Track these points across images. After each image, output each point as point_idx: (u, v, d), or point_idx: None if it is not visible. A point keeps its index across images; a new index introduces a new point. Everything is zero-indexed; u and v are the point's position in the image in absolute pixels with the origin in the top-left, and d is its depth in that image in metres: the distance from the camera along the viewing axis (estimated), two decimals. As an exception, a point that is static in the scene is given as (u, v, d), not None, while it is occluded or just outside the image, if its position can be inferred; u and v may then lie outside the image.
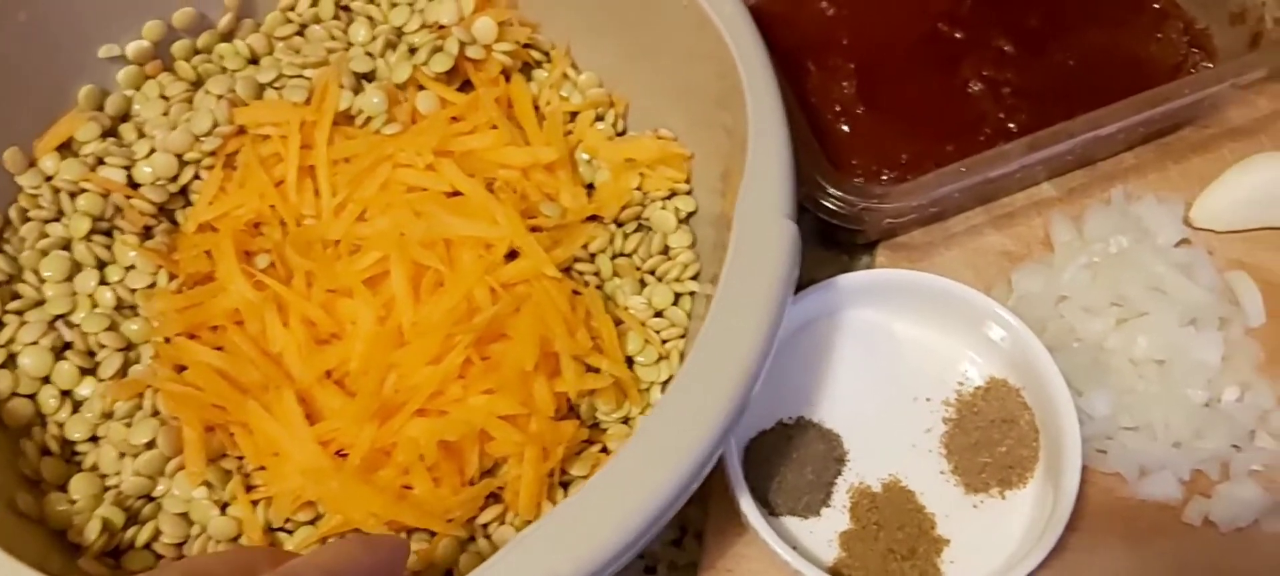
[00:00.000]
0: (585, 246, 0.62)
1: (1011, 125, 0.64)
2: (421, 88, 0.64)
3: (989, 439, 0.59)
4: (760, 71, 0.53)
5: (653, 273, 0.62)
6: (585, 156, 0.66)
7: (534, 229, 0.60)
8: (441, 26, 0.65)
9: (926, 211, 0.63)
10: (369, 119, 0.63)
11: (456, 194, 0.59)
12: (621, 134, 0.67)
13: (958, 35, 0.68)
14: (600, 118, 0.67)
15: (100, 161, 0.61)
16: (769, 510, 0.59)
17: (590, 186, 0.65)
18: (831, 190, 0.58)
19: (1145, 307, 0.61)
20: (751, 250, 0.49)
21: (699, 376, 0.46)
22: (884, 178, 0.63)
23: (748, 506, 0.55)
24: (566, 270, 0.60)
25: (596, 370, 0.56)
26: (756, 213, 0.50)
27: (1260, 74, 0.61)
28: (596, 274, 0.61)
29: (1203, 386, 0.60)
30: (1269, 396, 0.61)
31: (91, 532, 0.52)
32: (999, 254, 0.66)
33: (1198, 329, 0.61)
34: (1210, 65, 0.66)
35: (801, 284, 0.59)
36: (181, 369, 0.56)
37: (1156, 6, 0.68)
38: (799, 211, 0.52)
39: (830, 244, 0.68)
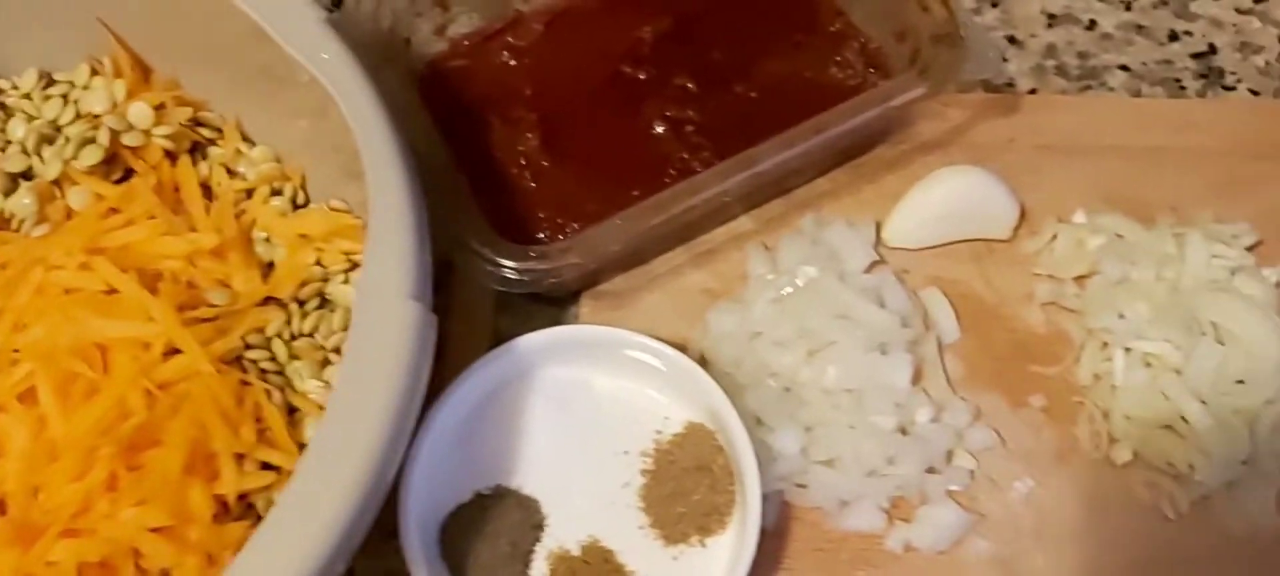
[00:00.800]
0: (261, 331, 0.59)
1: (696, 164, 0.64)
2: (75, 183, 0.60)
3: (683, 488, 0.58)
4: (380, 148, 0.51)
5: (337, 350, 0.59)
6: (264, 235, 0.63)
7: (205, 320, 0.57)
8: (96, 116, 0.62)
9: (612, 258, 0.61)
10: (22, 221, 0.60)
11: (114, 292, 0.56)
12: (301, 208, 0.64)
13: (641, 76, 0.67)
14: (278, 193, 0.64)
15: None
16: (468, 586, 0.57)
17: (272, 265, 0.62)
18: (492, 257, 0.56)
19: (833, 337, 0.61)
20: (371, 334, 0.47)
21: (312, 476, 0.44)
22: (567, 231, 0.61)
23: (427, 590, 0.53)
24: (238, 359, 0.57)
25: (274, 466, 0.53)
26: (377, 294, 0.48)
27: (919, 93, 0.61)
28: (272, 359, 0.58)
29: (892, 411, 0.59)
30: (966, 413, 0.61)
31: None
32: (700, 292, 0.66)
33: (886, 353, 0.60)
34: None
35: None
36: None
37: (834, 29, 0.68)
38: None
39: (537, 299, 0.67)
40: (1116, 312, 0.61)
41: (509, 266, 0.56)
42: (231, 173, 0.65)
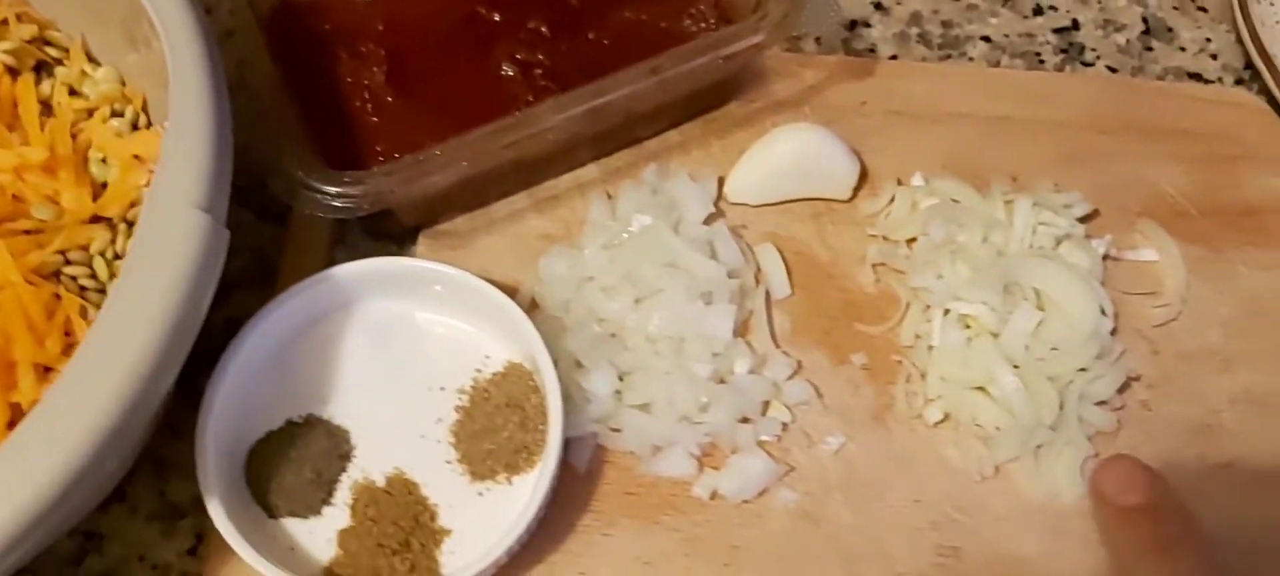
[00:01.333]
0: (86, 249, 0.59)
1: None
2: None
3: (494, 425, 0.58)
4: (185, 60, 0.51)
5: (161, 272, 0.59)
6: (100, 155, 0.63)
7: (27, 232, 0.57)
8: (-64, 30, 0.62)
9: (437, 191, 0.61)
10: None
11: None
12: (141, 129, 0.64)
13: (496, 18, 0.67)
14: (119, 114, 0.64)
15: None
16: (270, 512, 0.57)
17: (106, 185, 0.62)
18: (305, 180, 0.56)
19: (660, 285, 0.61)
20: (153, 241, 0.47)
21: (76, 377, 0.44)
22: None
23: (215, 510, 0.53)
24: (57, 274, 0.57)
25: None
26: (165, 202, 0.48)
27: (754, 40, 0.61)
28: (93, 276, 0.58)
29: (710, 360, 0.60)
30: (786, 367, 0.62)
31: None
32: (539, 237, 0.66)
33: (710, 304, 0.61)
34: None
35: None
36: None
37: (689, -21, 0.68)
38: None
39: (378, 236, 0.67)
40: (936, 273, 0.61)
41: (324, 191, 0.56)
42: (75, 93, 0.65)
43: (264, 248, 0.67)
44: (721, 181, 0.67)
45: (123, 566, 0.59)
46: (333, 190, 0.57)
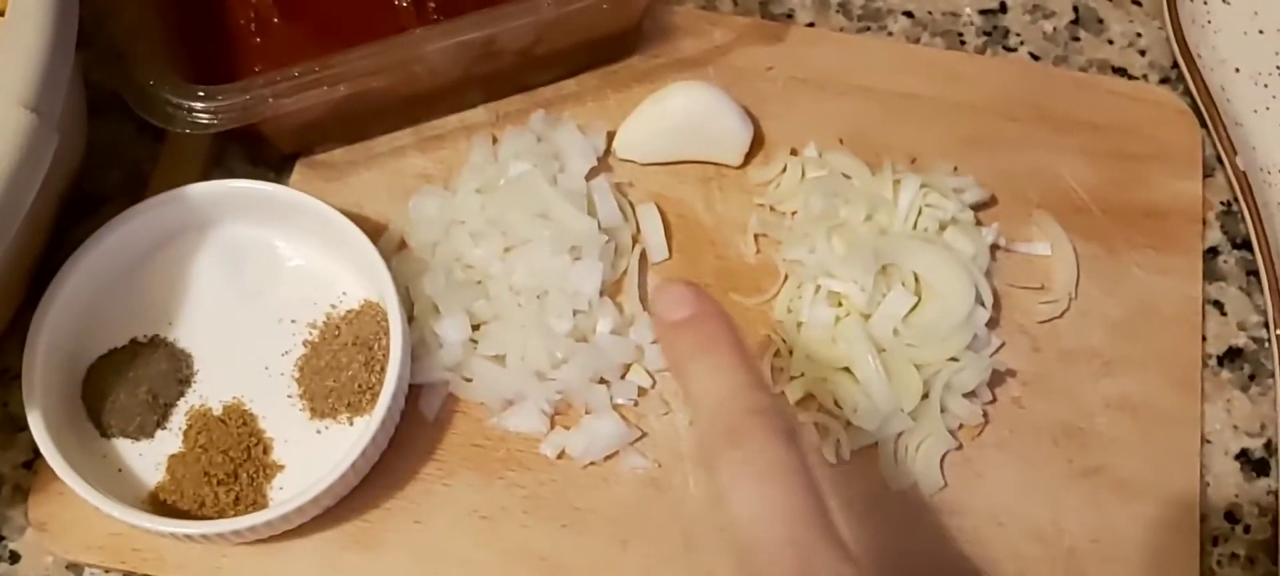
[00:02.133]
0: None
1: (428, 39, 0.61)
2: None
3: (339, 363, 0.57)
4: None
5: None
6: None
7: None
8: None
9: (298, 112, 0.59)
10: None
11: None
12: None
13: (430, -3, 0.65)
14: None
15: None
16: (103, 431, 0.55)
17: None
18: (164, 93, 0.54)
19: (528, 235, 0.59)
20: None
21: None
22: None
23: (36, 424, 0.52)
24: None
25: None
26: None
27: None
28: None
29: (570, 317, 0.58)
30: (651, 331, 0.59)
31: None
32: (417, 176, 0.64)
33: (578, 259, 0.59)
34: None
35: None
36: None
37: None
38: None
39: (257, 162, 0.65)
40: (810, 247, 0.59)
41: (175, 102, 0.54)
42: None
43: (140, 162, 0.65)
44: (611, 136, 0.65)
45: (-42, 473, 0.58)
46: (185, 103, 0.55)
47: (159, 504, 0.54)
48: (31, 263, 0.58)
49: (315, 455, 0.56)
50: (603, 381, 0.59)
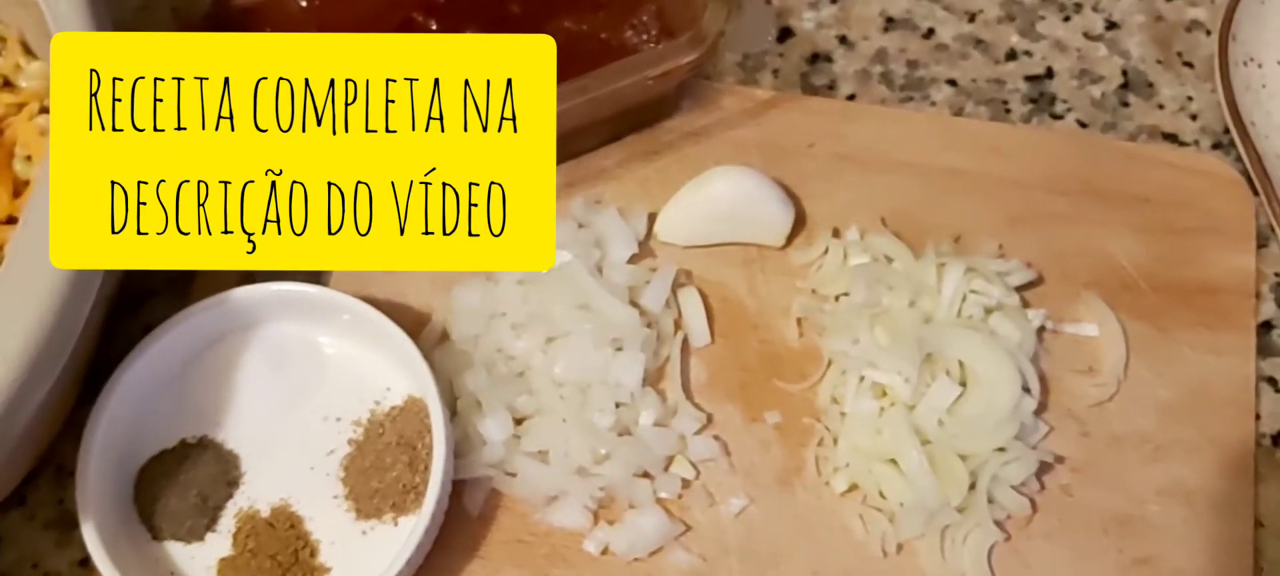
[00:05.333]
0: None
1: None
2: None
3: (383, 463, 0.57)
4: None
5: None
6: (26, 154, 0.62)
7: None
8: None
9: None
10: None
11: None
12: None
13: (433, 25, 0.65)
14: (46, 110, 0.63)
15: None
16: (154, 534, 0.56)
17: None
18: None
19: (569, 327, 0.59)
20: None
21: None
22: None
23: (87, 529, 0.53)
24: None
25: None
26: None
27: (684, 61, 0.59)
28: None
29: (612, 410, 0.58)
30: (694, 421, 0.60)
31: None
32: (460, 264, 0.64)
33: (620, 350, 0.59)
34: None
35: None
36: None
37: (634, -9, 0.66)
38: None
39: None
40: (853, 337, 0.59)
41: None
42: (10, 85, 0.64)
43: (188, 254, 0.66)
44: (652, 218, 0.65)
45: (15, 570, 0.59)
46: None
47: (211, 608, 0.55)
48: (83, 363, 0.59)
49: (361, 557, 0.56)
50: (646, 475, 0.59)
